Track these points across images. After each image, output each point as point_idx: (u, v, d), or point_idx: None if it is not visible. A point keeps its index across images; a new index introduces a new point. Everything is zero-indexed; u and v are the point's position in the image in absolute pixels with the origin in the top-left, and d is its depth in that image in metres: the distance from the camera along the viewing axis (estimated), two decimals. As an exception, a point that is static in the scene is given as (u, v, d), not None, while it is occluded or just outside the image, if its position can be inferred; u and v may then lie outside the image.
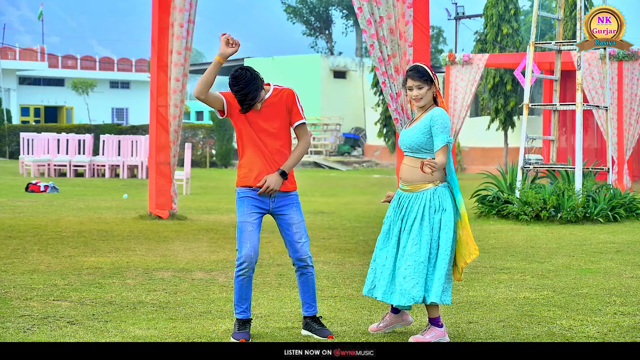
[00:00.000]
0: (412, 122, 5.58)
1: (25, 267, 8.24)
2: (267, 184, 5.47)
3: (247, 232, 5.50)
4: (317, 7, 51.45)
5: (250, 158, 5.55)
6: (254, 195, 5.53)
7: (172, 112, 12.47)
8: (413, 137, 5.47)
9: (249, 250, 5.48)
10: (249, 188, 5.54)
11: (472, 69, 25.32)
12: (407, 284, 5.39)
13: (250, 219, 5.51)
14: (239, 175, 5.59)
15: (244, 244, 5.49)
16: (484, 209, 13.73)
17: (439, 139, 5.40)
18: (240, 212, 5.54)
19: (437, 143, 5.41)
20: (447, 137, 5.41)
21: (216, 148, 33.86)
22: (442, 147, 5.40)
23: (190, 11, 12.32)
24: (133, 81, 59.43)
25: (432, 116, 5.43)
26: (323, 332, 5.59)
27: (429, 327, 5.47)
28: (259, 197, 5.54)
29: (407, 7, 9.52)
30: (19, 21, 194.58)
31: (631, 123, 21.35)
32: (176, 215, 12.83)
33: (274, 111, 5.54)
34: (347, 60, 41.04)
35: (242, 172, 5.57)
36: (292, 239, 5.60)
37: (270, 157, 5.54)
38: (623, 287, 7.53)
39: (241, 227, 5.52)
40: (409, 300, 5.39)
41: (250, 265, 5.49)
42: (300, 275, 5.66)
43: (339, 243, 10.46)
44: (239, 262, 5.50)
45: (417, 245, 5.41)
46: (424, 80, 5.45)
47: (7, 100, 49.11)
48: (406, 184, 5.54)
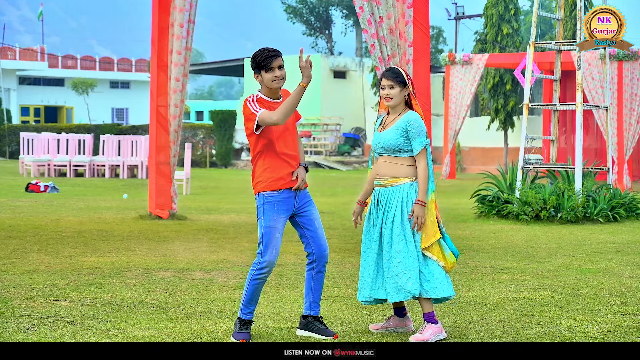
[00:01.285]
0: (386, 125, 5.67)
1: (25, 267, 8.24)
2: (301, 176, 5.53)
3: (274, 238, 5.48)
4: (317, 7, 51.44)
5: (272, 161, 5.50)
6: (282, 198, 5.51)
7: (172, 112, 12.47)
8: (391, 138, 5.58)
9: (273, 257, 5.47)
10: (278, 192, 5.50)
11: (472, 69, 25.34)
12: (401, 279, 5.45)
13: (279, 225, 5.50)
14: (265, 180, 5.50)
15: (270, 249, 5.47)
16: (484, 209, 13.73)
17: (417, 143, 5.55)
18: (268, 217, 5.47)
19: (416, 147, 5.56)
20: (424, 139, 5.57)
21: (216, 148, 33.86)
22: (421, 150, 5.55)
23: (190, 11, 12.32)
24: (133, 81, 59.44)
25: (408, 120, 5.57)
26: (327, 332, 5.59)
27: (425, 325, 5.48)
28: (286, 200, 5.51)
29: (407, 7, 9.52)
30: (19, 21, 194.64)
31: (631, 123, 21.36)
32: (176, 215, 12.83)
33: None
34: (347, 60, 41.03)
35: (267, 176, 5.50)
36: (316, 234, 5.61)
37: (290, 156, 5.54)
38: (623, 287, 7.53)
39: (269, 233, 5.47)
40: (406, 295, 5.45)
41: (270, 270, 5.50)
42: (316, 273, 5.64)
43: (339, 243, 10.46)
44: (261, 265, 5.46)
45: (403, 241, 5.49)
46: (397, 82, 5.60)
47: (7, 100, 49.12)
48: (382, 179, 5.64)
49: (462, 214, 14.31)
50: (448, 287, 5.52)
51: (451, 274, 8.19)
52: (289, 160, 5.53)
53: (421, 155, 5.56)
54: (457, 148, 29.87)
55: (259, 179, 5.54)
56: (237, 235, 11.05)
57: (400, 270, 5.45)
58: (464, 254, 9.57)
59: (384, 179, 5.63)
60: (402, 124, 5.57)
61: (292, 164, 5.55)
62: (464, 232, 11.79)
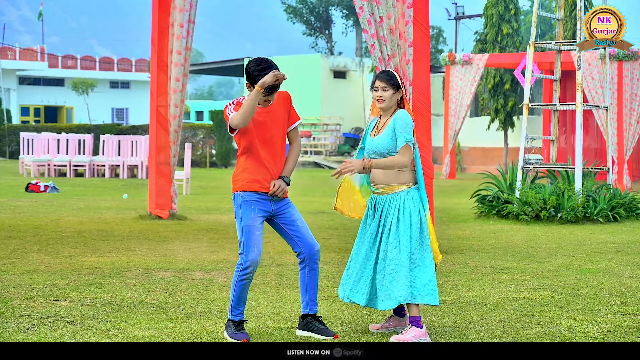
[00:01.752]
0: (379, 130, 5.68)
1: (25, 267, 8.24)
2: (278, 184, 5.51)
3: (254, 236, 5.48)
4: (317, 7, 51.43)
5: (252, 163, 5.51)
6: (259, 198, 5.51)
7: (172, 112, 12.47)
8: (383, 143, 5.60)
9: (255, 255, 5.47)
10: (254, 192, 5.52)
11: (472, 69, 25.34)
12: (393, 286, 5.47)
13: (257, 222, 5.50)
14: (242, 180, 5.53)
15: (252, 248, 5.47)
16: (484, 209, 13.73)
17: (400, 139, 5.54)
18: (246, 215, 5.50)
19: (399, 142, 5.55)
20: (408, 136, 5.53)
21: (216, 148, 33.86)
22: (402, 146, 5.53)
23: (190, 11, 12.32)
24: (133, 81, 59.43)
25: (395, 118, 5.59)
26: (327, 332, 5.59)
27: (410, 328, 5.50)
28: (263, 201, 5.52)
29: (407, 7, 9.51)
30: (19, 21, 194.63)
31: (631, 123, 21.37)
32: (176, 215, 12.83)
33: (277, 113, 5.56)
34: (347, 60, 41.03)
35: (244, 176, 5.52)
36: (301, 233, 5.60)
37: (272, 161, 5.53)
38: (623, 287, 7.53)
39: (248, 231, 5.48)
40: (395, 302, 5.48)
41: (254, 269, 5.50)
42: (309, 271, 5.64)
43: (339, 243, 10.46)
44: (244, 265, 5.46)
45: (397, 249, 5.52)
46: (390, 84, 5.62)
47: (7, 100, 49.11)
48: (379, 186, 5.66)
49: (462, 214, 14.31)
50: (434, 295, 5.50)
51: (451, 274, 8.20)
52: (269, 167, 5.52)
53: (402, 151, 5.52)
54: (457, 148, 29.88)
55: (236, 178, 5.57)
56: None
57: (392, 278, 5.49)
58: (464, 254, 9.58)
59: (381, 187, 5.64)
60: (391, 125, 5.59)
61: (273, 171, 5.53)
62: (464, 232, 11.80)
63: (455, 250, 9.87)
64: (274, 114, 5.53)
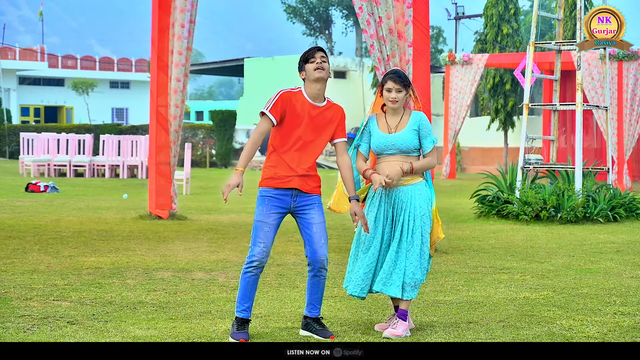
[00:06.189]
0: (395, 128, 5.75)
1: (25, 267, 8.24)
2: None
3: (263, 232, 5.49)
4: (317, 7, 51.45)
5: (277, 159, 5.54)
6: (276, 194, 5.52)
7: (172, 112, 12.47)
8: (407, 140, 5.72)
9: (261, 251, 5.48)
10: (272, 188, 5.53)
11: (472, 69, 25.34)
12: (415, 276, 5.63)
13: (268, 219, 5.51)
14: (264, 175, 5.57)
15: (258, 243, 5.49)
16: (484, 209, 13.73)
17: (429, 141, 5.78)
18: (259, 211, 5.53)
19: (428, 145, 5.78)
20: (435, 138, 5.82)
21: (216, 148, 33.86)
22: (432, 148, 5.79)
23: (191, 11, 12.32)
24: (133, 81, 59.42)
25: (420, 120, 5.76)
26: (324, 333, 5.59)
27: (398, 322, 5.63)
28: (280, 197, 5.53)
29: (406, 7, 9.51)
30: (19, 21, 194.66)
31: (631, 123, 21.36)
32: (176, 215, 12.83)
33: (325, 120, 5.58)
34: (347, 60, 41.03)
35: (266, 172, 5.56)
36: (312, 238, 5.58)
37: (298, 165, 5.52)
38: (623, 287, 7.53)
39: (257, 227, 5.51)
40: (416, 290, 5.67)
41: (260, 265, 5.51)
42: (312, 277, 5.64)
43: (339, 243, 10.46)
44: (249, 259, 5.50)
45: (410, 241, 5.67)
46: (403, 85, 5.73)
47: (7, 100, 49.12)
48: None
49: (462, 214, 14.31)
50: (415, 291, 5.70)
51: (451, 274, 8.21)
52: (294, 168, 5.53)
53: (432, 152, 5.80)
54: (457, 148, 29.88)
55: (262, 173, 5.62)
56: (237, 235, 11.05)
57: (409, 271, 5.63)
58: (464, 254, 9.58)
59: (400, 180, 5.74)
60: (414, 125, 5.73)
61: (298, 171, 5.52)
62: (464, 232, 11.80)
63: (455, 250, 9.87)
64: (322, 119, 5.57)
